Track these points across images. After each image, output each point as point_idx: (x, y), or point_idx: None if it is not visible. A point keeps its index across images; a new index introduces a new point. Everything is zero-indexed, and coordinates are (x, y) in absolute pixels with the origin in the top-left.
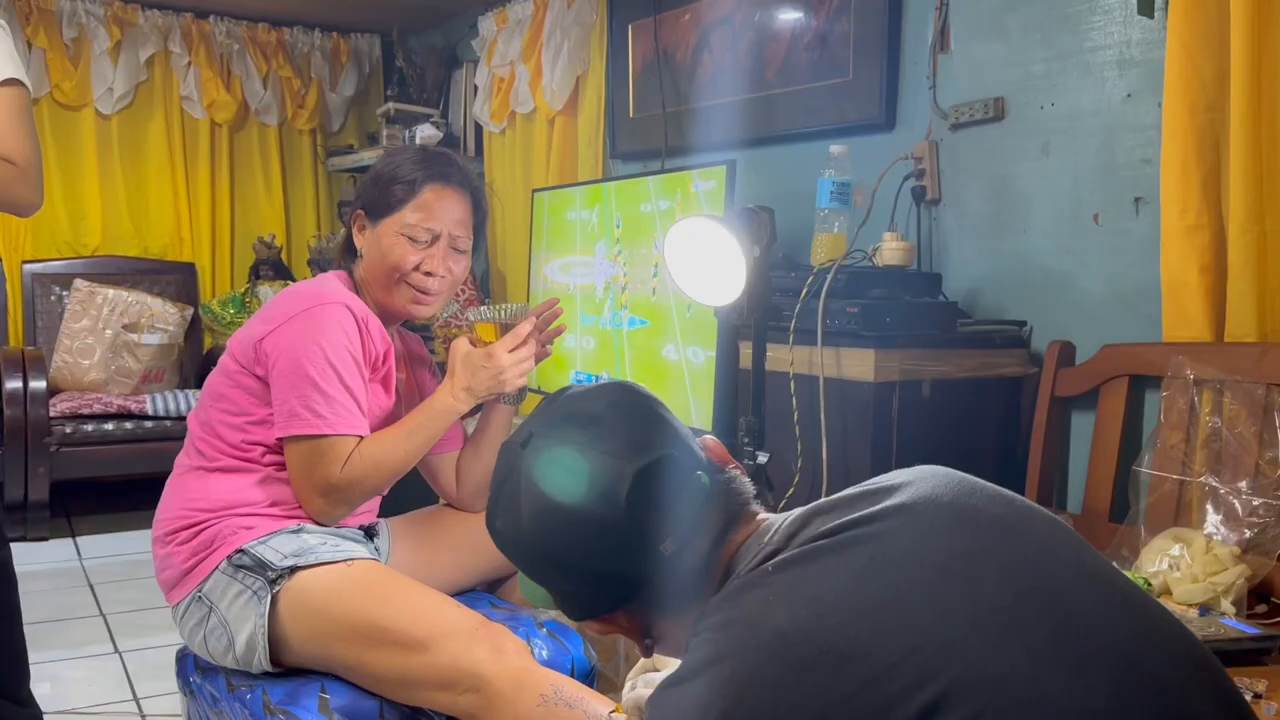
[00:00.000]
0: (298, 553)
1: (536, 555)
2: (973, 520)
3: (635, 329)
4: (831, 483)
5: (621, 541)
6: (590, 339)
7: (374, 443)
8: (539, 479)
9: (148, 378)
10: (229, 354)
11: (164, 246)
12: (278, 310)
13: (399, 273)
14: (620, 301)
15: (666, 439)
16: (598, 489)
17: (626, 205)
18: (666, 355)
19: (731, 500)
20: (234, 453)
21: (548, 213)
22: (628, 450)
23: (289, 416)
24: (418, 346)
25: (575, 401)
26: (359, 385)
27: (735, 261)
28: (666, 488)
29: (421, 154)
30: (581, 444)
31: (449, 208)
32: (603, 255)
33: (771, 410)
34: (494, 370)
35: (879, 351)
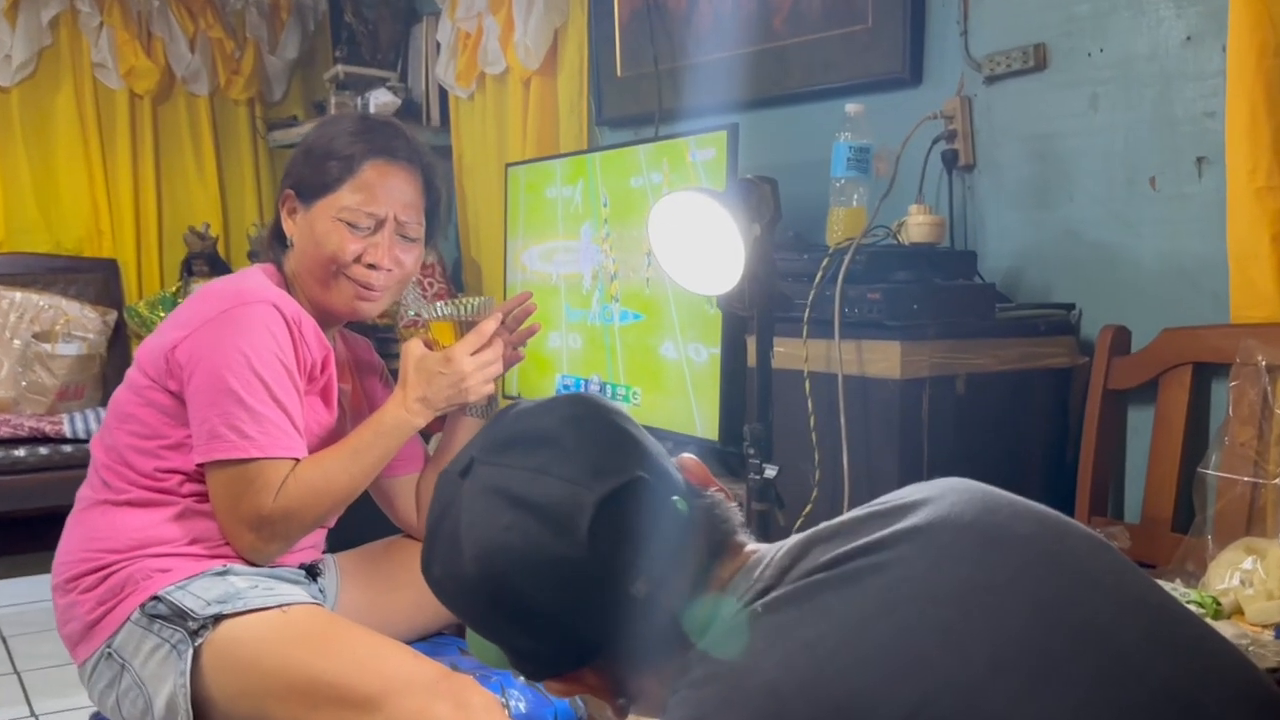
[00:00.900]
0: (223, 598)
1: (483, 605)
2: (999, 543)
3: (628, 324)
4: (854, 497)
5: (584, 585)
6: (577, 337)
7: (313, 466)
8: (482, 513)
9: (65, 394)
10: (136, 366)
11: (79, 240)
12: (192, 312)
13: (337, 265)
14: (610, 293)
15: (634, 459)
16: (553, 523)
17: (614, 179)
18: (665, 354)
19: (715, 529)
20: (146, 483)
21: (524, 190)
22: (588, 475)
23: (210, 438)
24: (365, 352)
25: (523, 419)
26: (292, 398)
27: (733, 243)
28: (636, 518)
29: (362, 123)
30: (532, 469)
31: (395, 188)
32: (589, 239)
33: (784, 415)
34: (453, 377)
35: (905, 343)
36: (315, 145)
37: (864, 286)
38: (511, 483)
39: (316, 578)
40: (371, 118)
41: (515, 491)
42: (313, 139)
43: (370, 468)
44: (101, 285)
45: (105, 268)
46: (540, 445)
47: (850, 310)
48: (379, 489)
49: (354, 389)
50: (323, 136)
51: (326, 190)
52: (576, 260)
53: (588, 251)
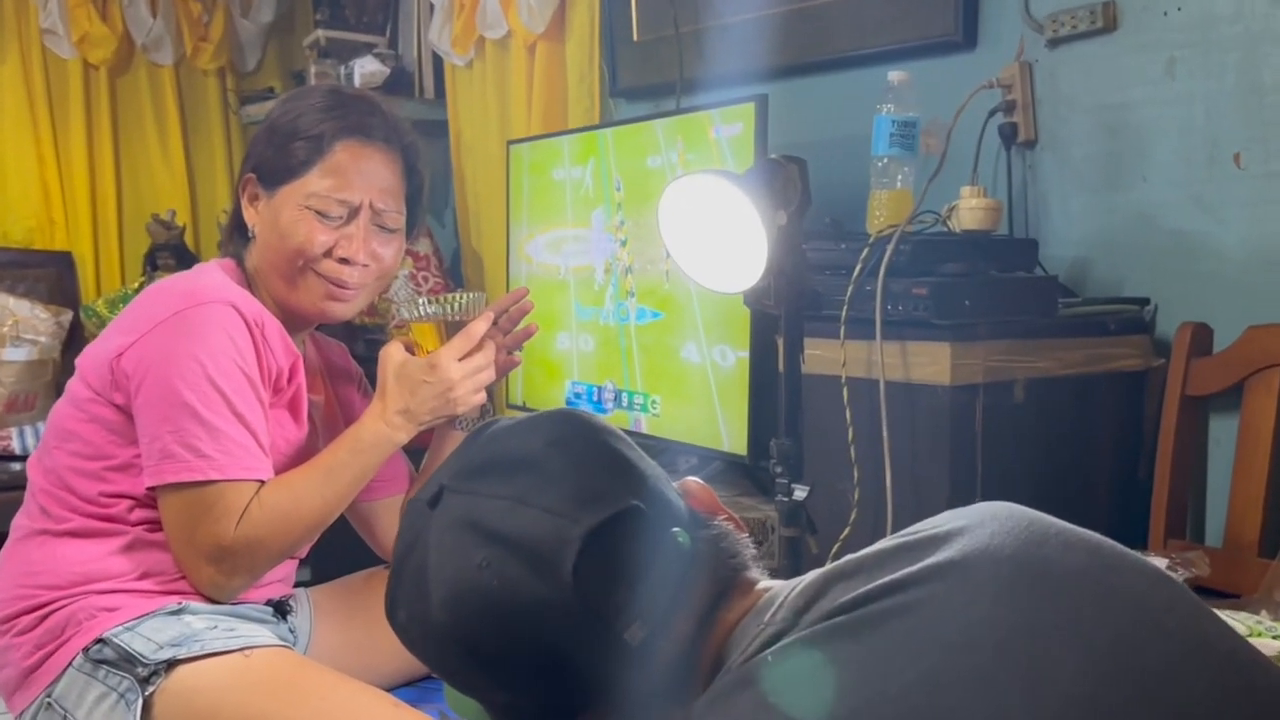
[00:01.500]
0: (177, 640)
1: (454, 656)
2: (1044, 579)
3: (646, 323)
4: (898, 519)
5: (570, 630)
6: (588, 338)
7: (280, 488)
8: (452, 550)
9: (13, 405)
10: (78, 376)
11: (28, 231)
12: (139, 315)
13: (304, 259)
14: (625, 288)
15: (628, 486)
16: (534, 560)
17: (630, 159)
18: (687, 357)
19: (721, 565)
20: (90, 510)
21: (528, 171)
22: (574, 504)
23: (161, 458)
24: (340, 358)
25: (501, 441)
26: (255, 412)
27: (755, 233)
28: (629, 553)
29: (332, 97)
30: (510, 499)
31: (371, 171)
32: (601, 227)
33: (818, 427)
34: (439, 386)
35: (956, 345)
36: (279, 123)
37: (909, 280)
38: (486, 514)
39: (286, 616)
40: (343, 91)
41: (490, 524)
42: (277, 115)
43: (346, 489)
44: (54, 281)
45: (58, 262)
46: (519, 470)
47: (893, 307)
48: (357, 513)
49: (327, 400)
50: (288, 113)
51: (292, 174)
52: (587, 251)
53: (600, 241)
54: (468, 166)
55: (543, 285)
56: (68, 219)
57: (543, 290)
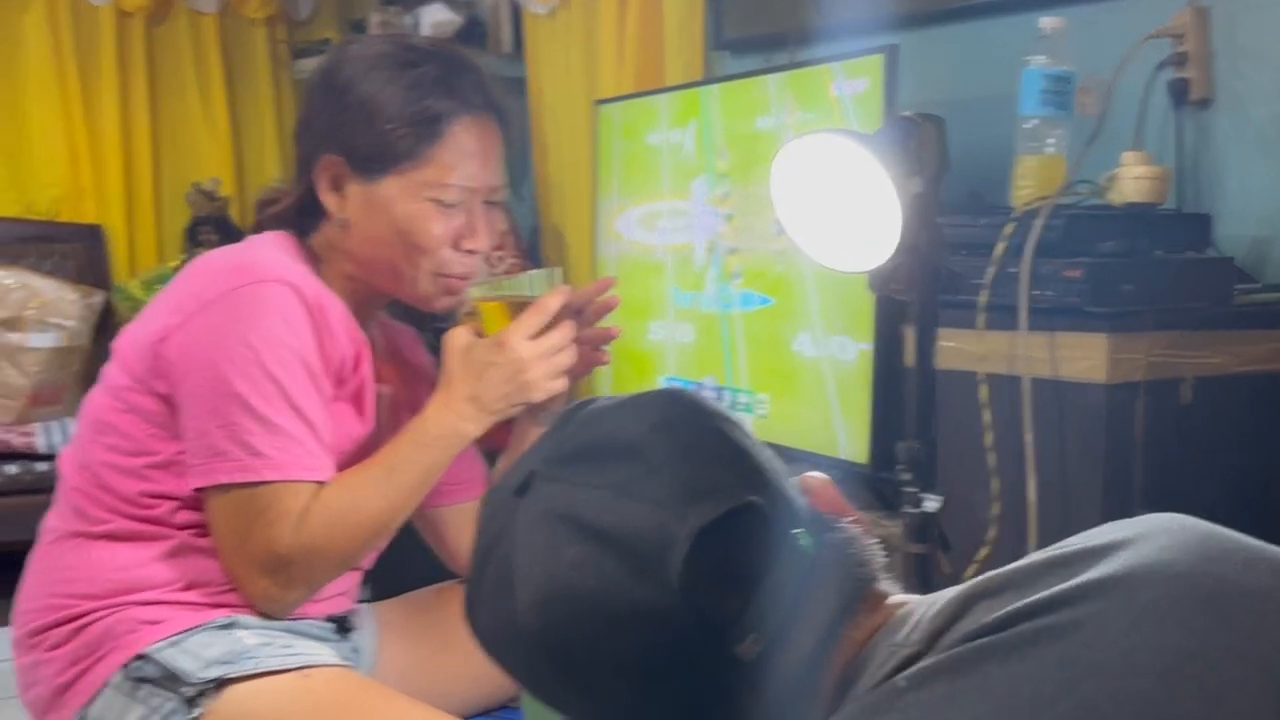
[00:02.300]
0: (227, 657)
1: (540, 665)
2: (1221, 600)
3: (753, 310)
4: (1043, 537)
5: (674, 640)
6: (687, 327)
7: (339, 490)
8: (543, 546)
9: (38, 398)
10: (116, 362)
11: (54, 201)
12: (186, 294)
13: (426, 255)
14: (729, 269)
15: (744, 479)
16: (635, 560)
17: (737, 120)
18: (800, 350)
19: (848, 574)
20: (129, 511)
21: (619, 135)
22: (682, 498)
23: (210, 456)
24: (410, 346)
25: (600, 423)
26: (314, 404)
27: (885, 203)
28: (744, 555)
29: (444, 63)
30: (610, 489)
31: (489, 150)
32: (702, 199)
33: (952, 430)
34: (509, 368)
35: (1115, 336)
36: (377, 99)
37: (1061, 261)
38: (582, 506)
39: (348, 633)
40: (443, 48)
41: (586, 517)
42: (370, 88)
43: (411, 490)
44: (83, 258)
45: (87, 236)
46: (621, 457)
47: (1041, 292)
48: (426, 521)
49: (394, 393)
50: (388, 85)
51: (403, 161)
52: (687, 227)
53: (701, 215)
54: (549, 130)
55: (635, 266)
56: (98, 188)
57: (634, 272)
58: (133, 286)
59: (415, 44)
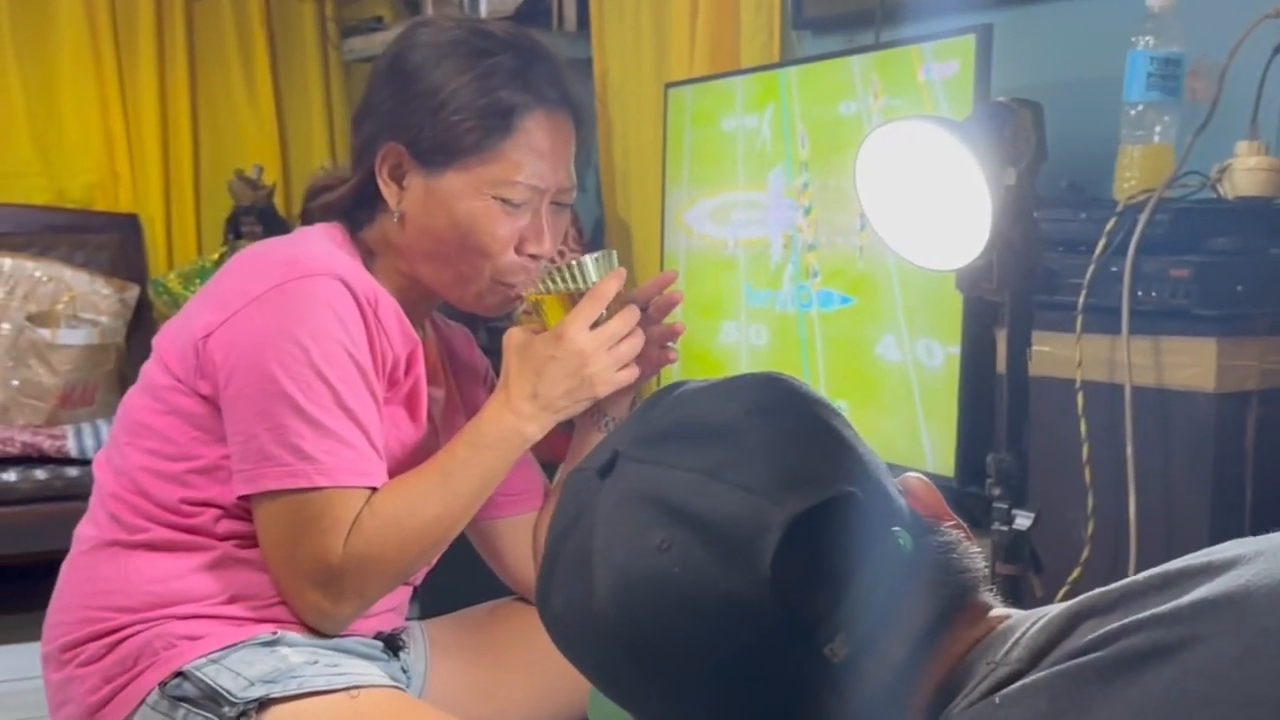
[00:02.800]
0: (271, 676)
1: (616, 655)
2: None
3: (833, 310)
4: (1143, 557)
5: (760, 635)
6: (760, 329)
7: (393, 495)
8: (626, 528)
9: (69, 399)
10: (156, 359)
11: (88, 189)
12: (231, 287)
13: (486, 257)
14: (808, 267)
15: (842, 469)
16: (724, 547)
17: (818, 105)
18: (883, 353)
19: (948, 580)
20: (169, 519)
21: (690, 120)
22: (777, 484)
23: (259, 461)
24: (465, 346)
25: (691, 404)
26: (367, 406)
27: (976, 195)
28: (840, 549)
29: (520, 53)
30: (700, 472)
31: (562, 147)
32: (780, 190)
33: (1045, 441)
34: (569, 361)
35: (1225, 341)
36: (446, 87)
37: (1167, 259)
38: (670, 488)
39: (398, 652)
40: (519, 34)
41: (674, 500)
42: (439, 76)
43: (468, 495)
44: (118, 250)
45: (123, 226)
46: (713, 440)
47: (1145, 293)
48: (482, 533)
49: (448, 395)
50: (452, 72)
51: (469, 154)
52: (762, 220)
53: (778, 208)
54: (615, 115)
55: (705, 262)
56: (134, 174)
57: (705, 268)
58: (170, 280)
59: (491, 31)
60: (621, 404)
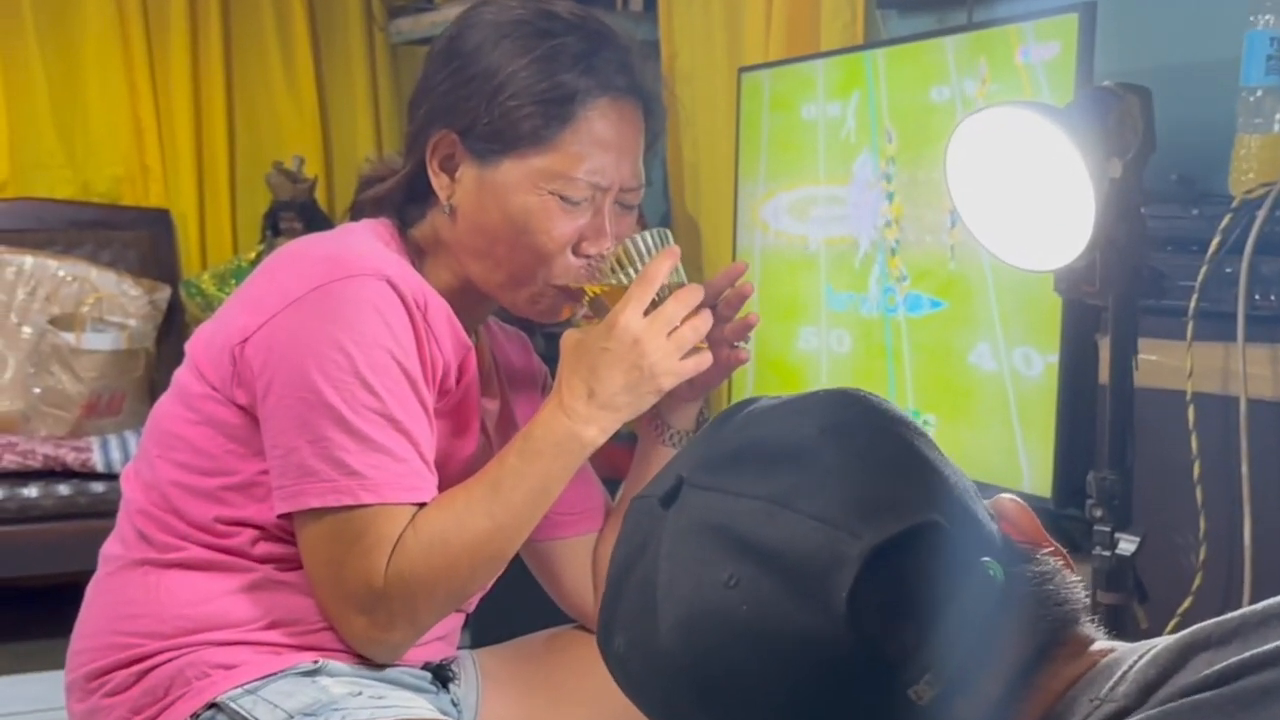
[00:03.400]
0: (312, 708)
1: (681, 696)
2: None
3: (922, 315)
4: (1259, 586)
5: (837, 676)
6: (842, 335)
7: (439, 511)
8: (692, 561)
9: (94, 408)
10: (189, 365)
11: (115, 182)
12: (270, 288)
13: (540, 258)
14: (895, 269)
15: (926, 494)
16: (797, 582)
17: (906, 92)
18: (977, 362)
19: (1045, 612)
20: (203, 539)
21: (767, 107)
22: (854, 512)
23: (300, 476)
24: (521, 353)
25: (760, 424)
26: (416, 417)
27: (1078, 189)
28: (924, 582)
29: (587, 35)
30: (769, 499)
31: (628, 139)
32: (864, 184)
33: (1152, 459)
34: (624, 351)
35: None
36: (503, 69)
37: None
38: (738, 517)
39: (447, 684)
40: (589, 23)
41: (742, 531)
42: (498, 58)
43: (521, 510)
44: (147, 248)
45: (153, 222)
46: (784, 463)
47: (1264, 297)
48: (538, 556)
49: (503, 408)
50: (511, 54)
51: (526, 144)
52: (845, 216)
53: (864, 203)
54: (685, 103)
55: (782, 261)
56: (165, 166)
57: (782, 268)
58: (204, 281)
59: (557, 12)
60: (687, 414)
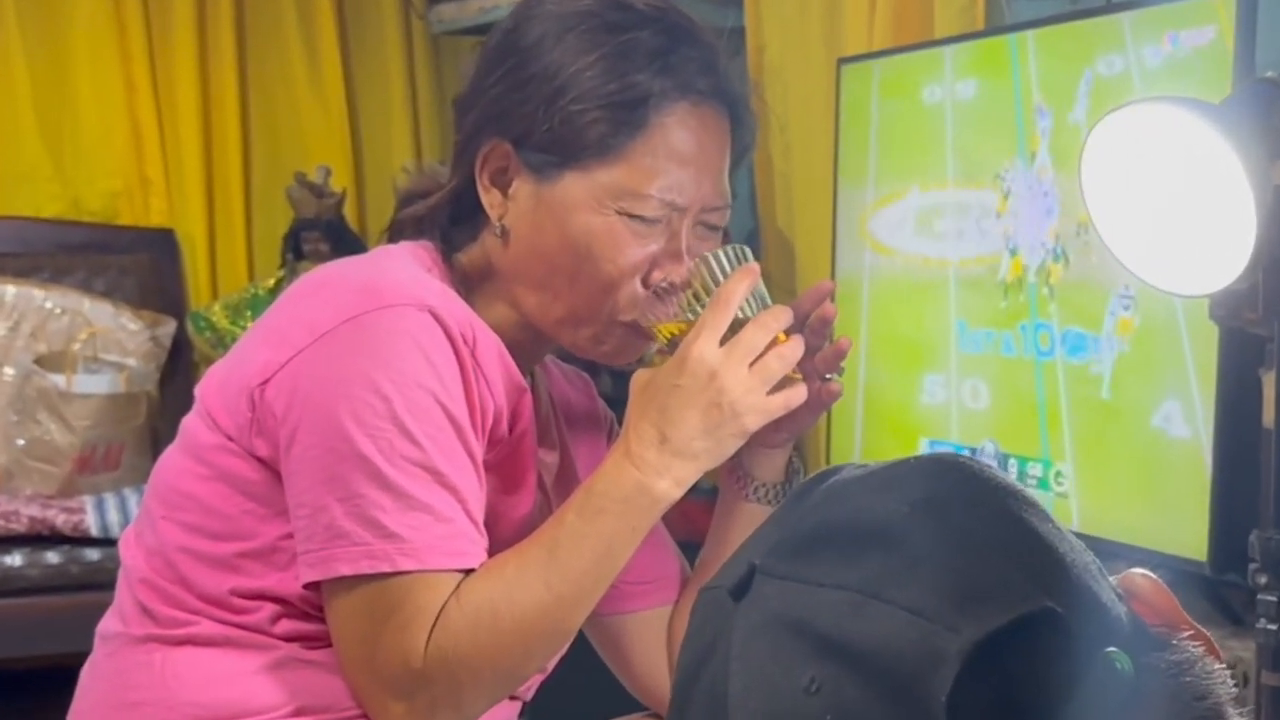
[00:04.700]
0: None
1: None
2: None
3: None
4: None
5: None
6: (977, 383)
7: (488, 579)
8: (766, 662)
9: (88, 463)
10: (200, 412)
11: (111, 198)
12: (294, 320)
13: (605, 289)
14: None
15: (1039, 577)
16: (888, 684)
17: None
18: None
19: (1184, 710)
20: (217, 614)
21: (876, 104)
22: (953, 603)
23: (329, 539)
24: (584, 396)
25: (843, 500)
26: (463, 469)
27: (1236, 198)
28: (1036, 683)
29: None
30: (855, 589)
31: (710, 151)
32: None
33: None
34: (700, 387)
35: None
36: (565, 68)
37: None
38: (818, 611)
39: None
40: (668, 16)
41: (823, 627)
42: (556, 56)
43: (583, 578)
44: (148, 275)
45: (155, 244)
46: (870, 546)
47: None
48: (605, 632)
49: (563, 460)
50: (575, 50)
51: (586, 153)
52: (984, 230)
53: (1020, 214)
54: (775, 99)
55: (898, 287)
56: (169, 180)
57: (897, 296)
58: (214, 314)
59: (630, 3)
60: (774, 464)
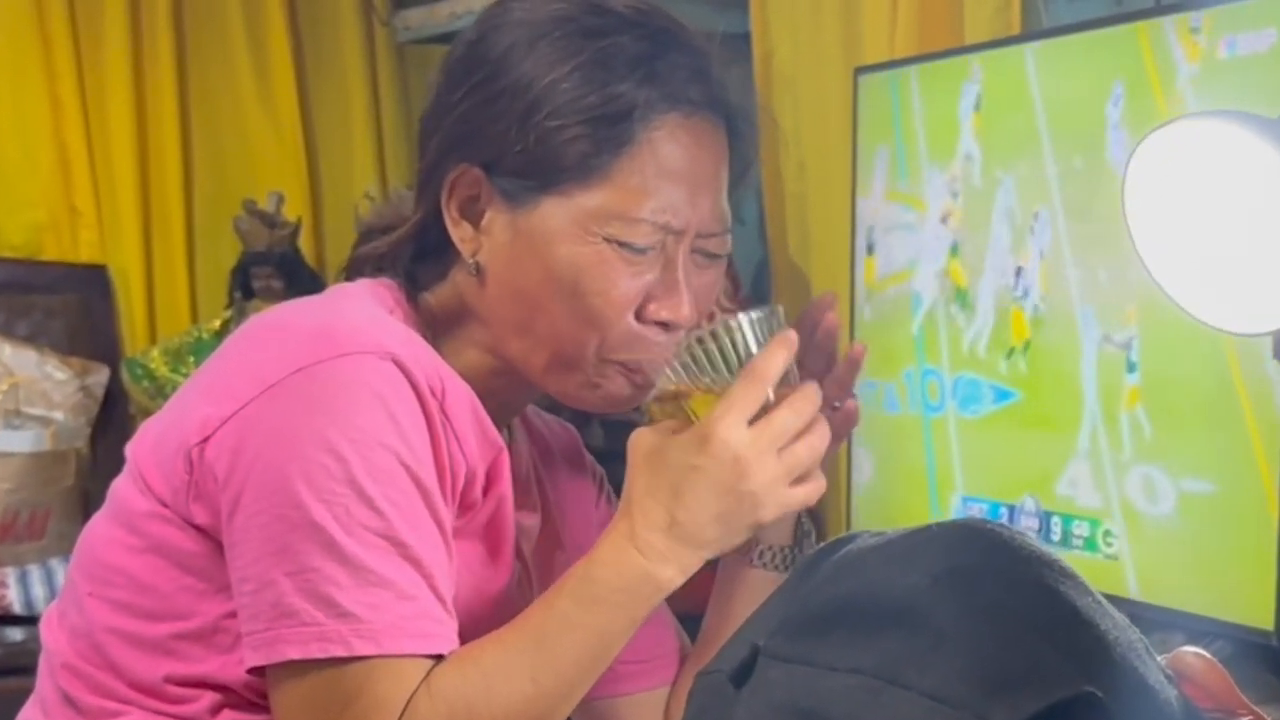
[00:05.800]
0: None
1: None
2: None
3: None
4: None
5: None
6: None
7: (464, 668)
8: None
9: (10, 530)
10: (132, 474)
11: (35, 231)
12: (239, 370)
13: (593, 325)
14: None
15: (1077, 658)
16: None
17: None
18: None
19: None
20: (149, 702)
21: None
22: (979, 688)
23: (275, 617)
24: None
25: (858, 571)
26: (429, 539)
27: None
28: None
29: (648, 33)
30: (871, 675)
31: (704, 167)
32: (1051, 217)
33: None
34: (722, 472)
35: None
36: (538, 80)
37: None
38: (830, 699)
39: None
40: (651, 18)
41: (836, 717)
42: (528, 67)
43: (574, 672)
44: (78, 317)
45: (85, 283)
46: (888, 625)
47: None
48: (594, 717)
49: (545, 525)
50: (550, 59)
51: (566, 176)
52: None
53: (1048, 240)
54: (787, 113)
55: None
56: (100, 210)
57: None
58: (153, 360)
59: (608, 6)
60: (781, 526)
